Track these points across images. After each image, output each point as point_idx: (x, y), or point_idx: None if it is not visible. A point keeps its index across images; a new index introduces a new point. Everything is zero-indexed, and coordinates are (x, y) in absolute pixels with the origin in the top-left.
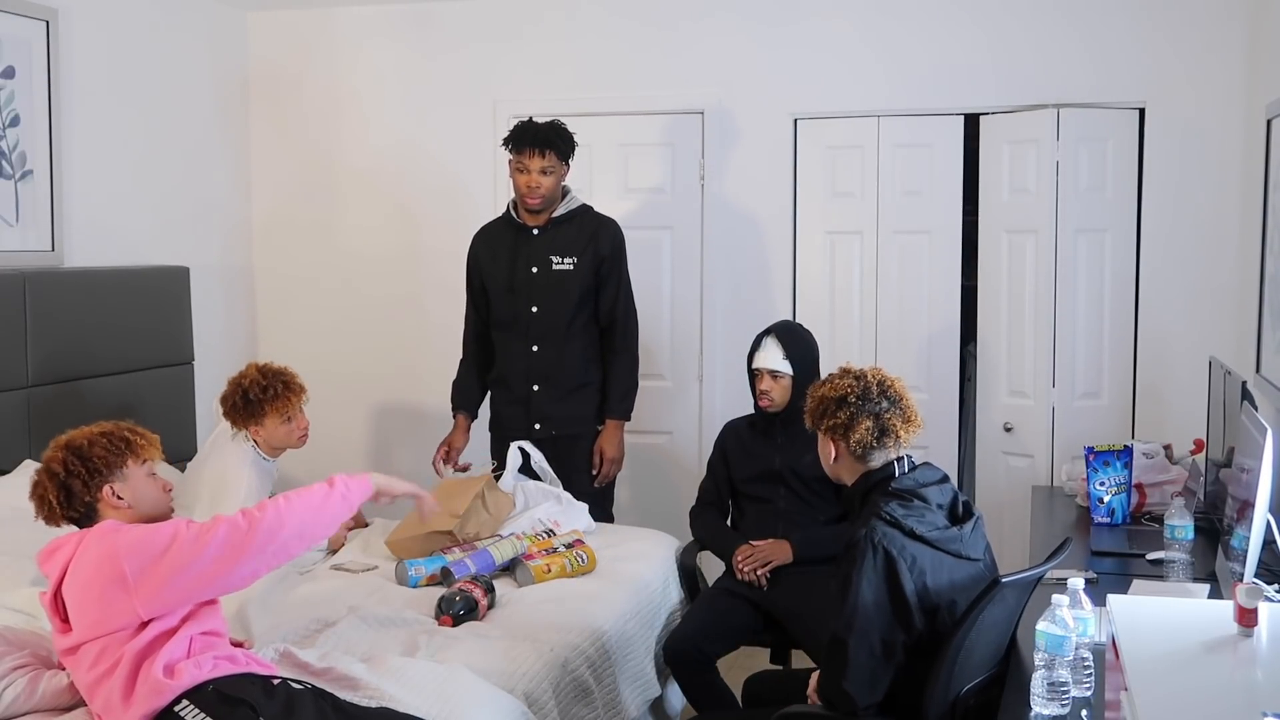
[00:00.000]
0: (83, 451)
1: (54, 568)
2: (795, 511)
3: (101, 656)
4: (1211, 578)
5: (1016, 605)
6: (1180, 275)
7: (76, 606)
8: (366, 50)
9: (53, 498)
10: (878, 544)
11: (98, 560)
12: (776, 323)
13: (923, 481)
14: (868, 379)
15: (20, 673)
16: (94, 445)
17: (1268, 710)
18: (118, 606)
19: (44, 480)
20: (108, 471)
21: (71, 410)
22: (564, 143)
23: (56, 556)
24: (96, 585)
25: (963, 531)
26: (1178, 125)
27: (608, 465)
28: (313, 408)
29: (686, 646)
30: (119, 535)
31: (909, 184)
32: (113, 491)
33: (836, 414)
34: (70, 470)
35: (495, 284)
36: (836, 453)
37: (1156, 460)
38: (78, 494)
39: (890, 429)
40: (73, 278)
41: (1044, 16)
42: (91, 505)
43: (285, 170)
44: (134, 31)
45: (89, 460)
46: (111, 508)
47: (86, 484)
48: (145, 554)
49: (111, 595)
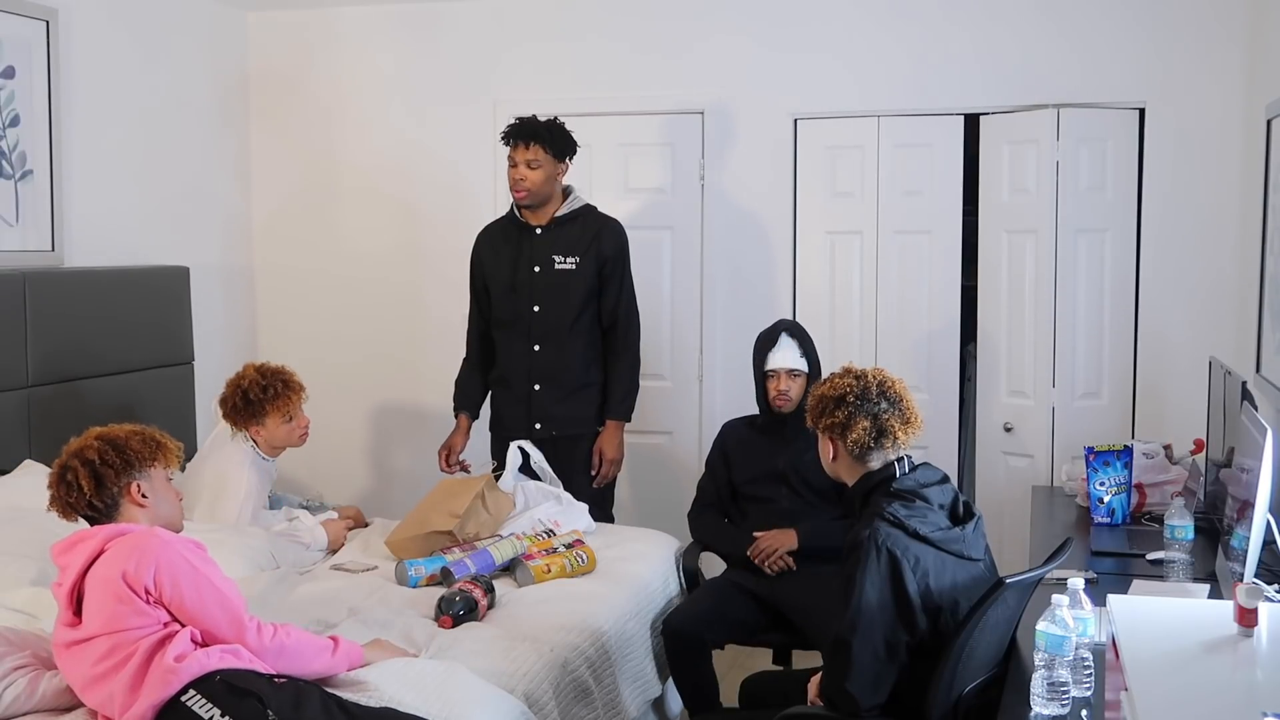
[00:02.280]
0: (119, 443)
1: (75, 559)
2: (798, 511)
3: (112, 652)
4: (1211, 578)
5: (1017, 605)
6: (1180, 275)
7: (96, 601)
8: (366, 50)
9: (84, 482)
10: (881, 545)
11: (137, 566)
12: (784, 321)
13: (924, 482)
14: (868, 379)
15: (21, 673)
16: (130, 439)
17: (1268, 710)
18: (142, 610)
19: (76, 466)
20: (139, 467)
21: (71, 410)
22: (553, 137)
23: (79, 549)
24: (124, 587)
25: (965, 532)
26: (1178, 125)
27: (607, 466)
28: (313, 407)
29: (686, 628)
30: (164, 551)
31: (909, 184)
32: (139, 489)
33: (834, 413)
34: (105, 459)
35: (497, 283)
36: (835, 452)
37: (1156, 460)
38: (108, 484)
39: (888, 430)
40: (73, 278)
41: (1044, 16)
42: (116, 499)
43: (285, 170)
44: (134, 31)
45: (124, 452)
46: (135, 505)
47: (118, 475)
48: (184, 589)
49: (140, 604)
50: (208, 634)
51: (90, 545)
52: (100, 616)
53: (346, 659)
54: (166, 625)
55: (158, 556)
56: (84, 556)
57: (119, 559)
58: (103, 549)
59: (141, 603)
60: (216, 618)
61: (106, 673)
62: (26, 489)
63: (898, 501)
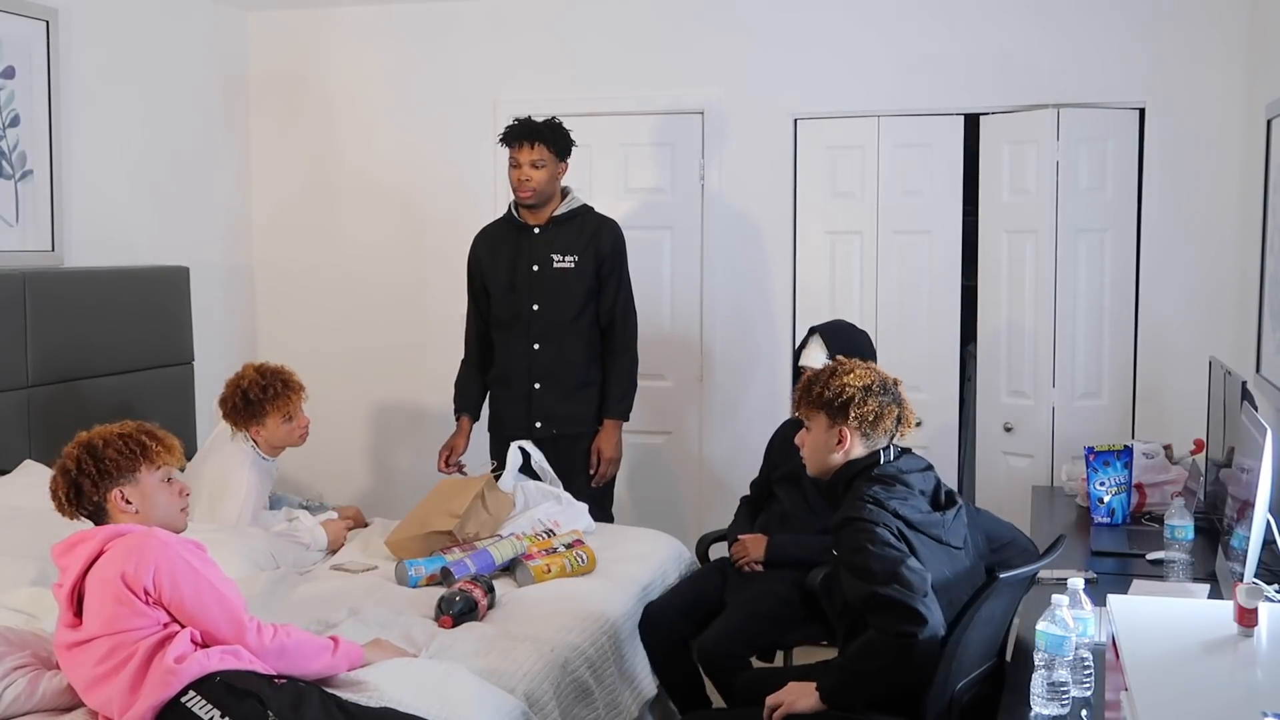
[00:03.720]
0: (96, 451)
1: (74, 561)
2: (794, 515)
3: (112, 653)
4: (1211, 578)
5: (1011, 601)
6: (1180, 275)
7: (96, 602)
8: (366, 50)
9: (62, 494)
10: (877, 519)
11: (136, 568)
12: (828, 321)
13: (905, 469)
14: (872, 369)
15: (21, 673)
16: (108, 446)
17: (1268, 710)
18: (141, 612)
19: (58, 475)
20: (118, 475)
21: (71, 410)
22: (555, 137)
23: (78, 550)
24: (123, 588)
25: (944, 517)
26: (1178, 125)
27: (605, 465)
28: (313, 407)
29: (660, 619)
30: (163, 552)
31: (909, 184)
32: (122, 495)
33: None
34: (82, 469)
35: (496, 283)
36: (844, 441)
37: (1156, 460)
38: (86, 493)
39: (905, 419)
40: (73, 278)
41: (1044, 17)
42: (100, 505)
43: (285, 170)
44: (134, 31)
45: (101, 461)
46: (120, 511)
47: (96, 484)
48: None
49: (139, 605)
50: (207, 634)
51: (89, 546)
52: (100, 617)
53: (346, 659)
54: (166, 626)
55: (157, 558)
56: (83, 558)
57: (118, 560)
58: (102, 550)
59: (141, 604)
60: (216, 618)
61: (107, 674)
62: (26, 489)
63: (878, 485)
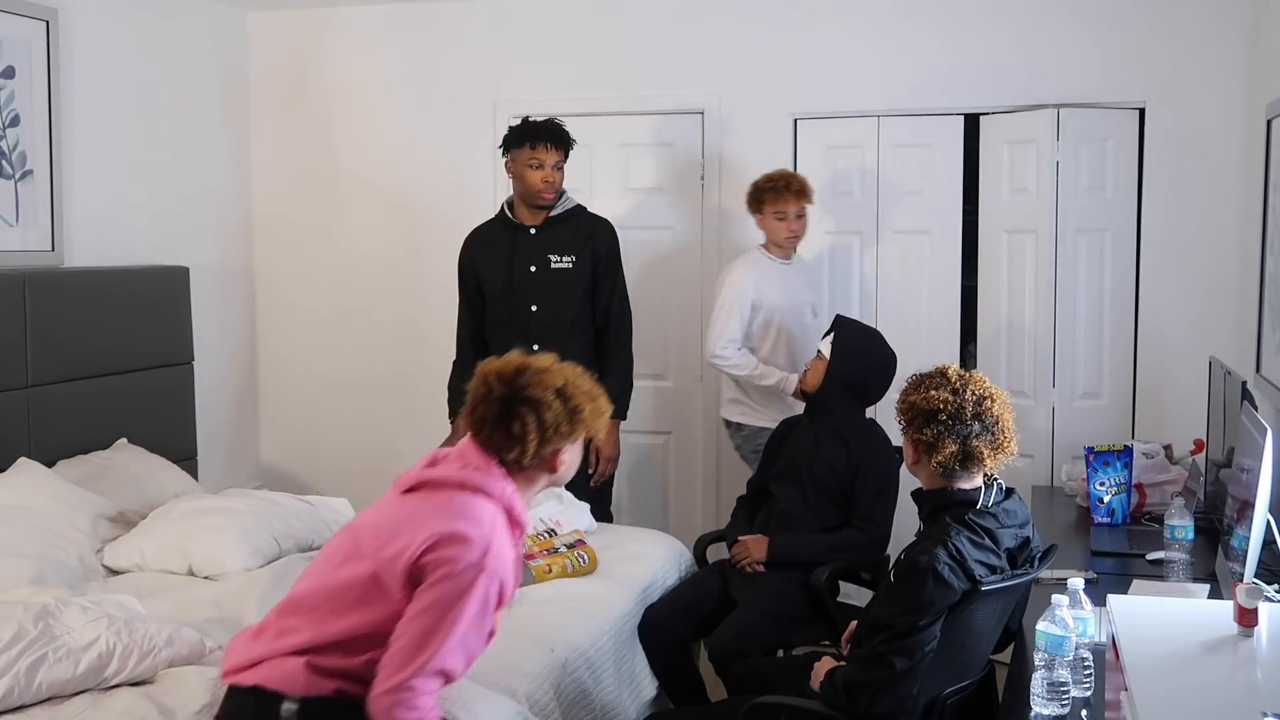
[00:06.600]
0: (570, 398)
1: (410, 479)
2: (791, 514)
3: (364, 593)
4: (1211, 578)
5: (1001, 611)
6: (1180, 275)
7: (394, 525)
8: (366, 50)
9: (531, 435)
10: (942, 575)
11: (439, 553)
12: (854, 320)
13: (1004, 523)
14: (965, 396)
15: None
16: (585, 399)
17: (1268, 710)
18: (400, 586)
19: (526, 411)
20: (581, 429)
21: (71, 410)
22: (569, 139)
23: (426, 473)
24: (414, 555)
25: (1006, 576)
26: (1178, 125)
27: (603, 464)
28: (312, 407)
29: (660, 622)
30: (469, 569)
31: (909, 184)
32: (560, 454)
33: (924, 429)
34: (554, 405)
35: (492, 284)
36: (916, 458)
37: (1156, 460)
38: (550, 435)
39: (976, 455)
40: (73, 278)
41: (1044, 16)
42: (542, 454)
43: (285, 170)
44: (134, 31)
45: (577, 412)
46: (546, 468)
47: (556, 431)
48: (440, 601)
49: (400, 580)
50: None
51: (417, 474)
52: (381, 544)
53: None
54: (395, 615)
55: (463, 563)
56: (411, 480)
57: (440, 526)
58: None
59: (401, 580)
60: (419, 644)
61: (344, 603)
62: (24, 488)
63: (967, 533)
